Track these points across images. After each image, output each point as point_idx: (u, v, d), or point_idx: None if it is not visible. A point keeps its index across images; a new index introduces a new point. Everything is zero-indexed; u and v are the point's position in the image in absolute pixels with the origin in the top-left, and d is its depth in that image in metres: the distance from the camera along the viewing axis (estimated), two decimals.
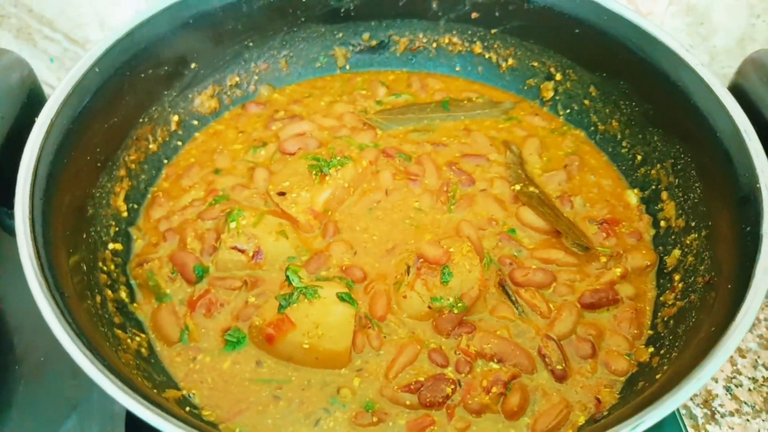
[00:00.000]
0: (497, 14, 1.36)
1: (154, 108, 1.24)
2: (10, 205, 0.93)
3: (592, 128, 1.33)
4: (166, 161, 1.28)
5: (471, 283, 1.03)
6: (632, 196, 1.23)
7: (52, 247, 0.87)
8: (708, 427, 1.15)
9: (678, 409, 1.09)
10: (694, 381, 0.72)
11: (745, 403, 1.19)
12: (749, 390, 1.20)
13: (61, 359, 1.07)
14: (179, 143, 1.30)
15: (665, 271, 1.10)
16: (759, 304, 0.78)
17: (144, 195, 1.22)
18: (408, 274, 1.05)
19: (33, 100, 1.03)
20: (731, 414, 1.17)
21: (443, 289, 1.02)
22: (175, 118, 1.29)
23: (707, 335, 0.81)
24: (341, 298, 1.01)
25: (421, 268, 1.04)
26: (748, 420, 1.17)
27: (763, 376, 1.22)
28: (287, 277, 1.05)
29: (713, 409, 1.16)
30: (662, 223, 1.16)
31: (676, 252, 1.09)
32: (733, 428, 1.16)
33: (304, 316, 0.99)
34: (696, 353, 0.79)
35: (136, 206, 1.19)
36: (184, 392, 0.97)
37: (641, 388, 0.91)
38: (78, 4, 1.61)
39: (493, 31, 1.39)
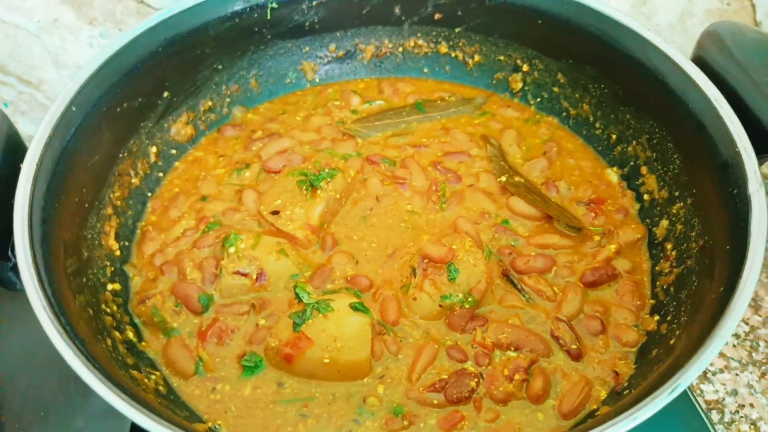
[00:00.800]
0: (459, 13, 1.39)
1: (132, 141, 1.21)
2: (6, 257, 0.90)
3: (564, 114, 1.38)
4: (150, 194, 1.25)
5: (477, 276, 1.05)
6: (612, 175, 1.27)
7: (61, 294, 0.85)
8: (702, 386, 1.21)
9: None
10: (716, 340, 0.75)
11: (732, 358, 1.25)
12: (734, 346, 1.27)
13: (61, 410, 1.06)
14: (160, 174, 1.28)
15: (656, 242, 1.14)
16: (761, 260, 0.82)
17: (133, 231, 1.19)
18: (414, 276, 1.07)
19: (11, 147, 1.00)
20: (721, 371, 1.24)
21: (452, 286, 1.04)
22: (154, 149, 1.27)
23: (717, 296, 0.85)
24: (355, 308, 1.01)
25: (427, 269, 1.06)
26: (737, 374, 1.23)
27: (743, 331, 1.29)
28: (296, 294, 1.05)
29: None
30: (646, 197, 1.20)
31: (664, 222, 1.13)
32: (724, 384, 1.22)
33: (321, 330, 0.99)
34: (709, 314, 0.83)
35: (127, 243, 1.16)
36: (210, 424, 0.95)
37: (656, 355, 0.95)
38: (28, 45, 1.57)
39: (456, 30, 1.42)
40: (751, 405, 1.20)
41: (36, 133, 0.99)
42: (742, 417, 1.19)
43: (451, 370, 1.00)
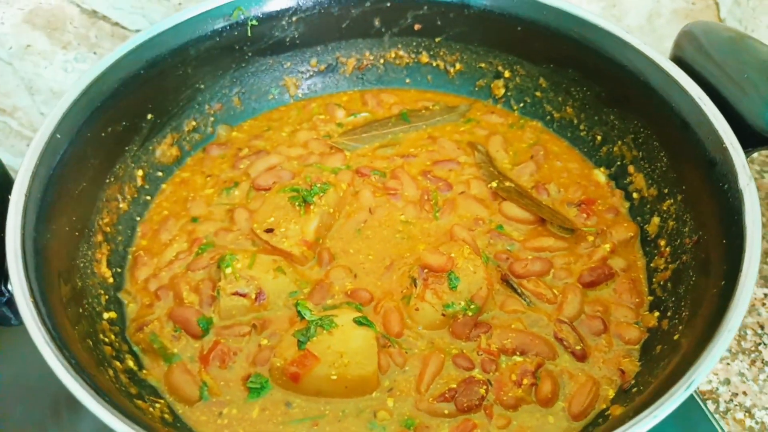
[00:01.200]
0: (439, 23, 1.41)
1: (118, 166, 1.19)
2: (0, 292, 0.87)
3: (548, 117, 1.39)
4: (138, 219, 1.23)
5: (478, 283, 1.05)
6: (600, 175, 1.29)
7: (61, 326, 0.83)
8: None
9: None
10: (725, 333, 0.77)
11: None
12: None
13: None
14: (148, 198, 1.26)
15: (648, 239, 1.16)
16: (759, 252, 0.84)
17: (124, 257, 1.17)
18: (415, 287, 1.07)
19: None
20: None
21: (453, 295, 1.04)
22: (140, 172, 1.24)
23: (718, 290, 0.87)
24: (359, 322, 1.01)
25: (428, 278, 1.06)
26: (728, 364, 1.26)
27: None
28: (299, 312, 1.04)
29: None
30: (635, 195, 1.23)
31: (656, 219, 1.16)
32: (717, 374, 1.24)
33: (326, 347, 0.98)
34: (714, 308, 0.84)
35: (119, 270, 1.14)
36: None
37: (660, 351, 0.96)
38: (0, 73, 1.53)
39: (437, 39, 1.43)
40: (744, 393, 1.23)
41: (22, 163, 0.96)
42: (736, 405, 1.21)
43: (459, 378, 1.00)
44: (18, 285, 0.81)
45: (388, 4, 1.38)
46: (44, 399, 1.14)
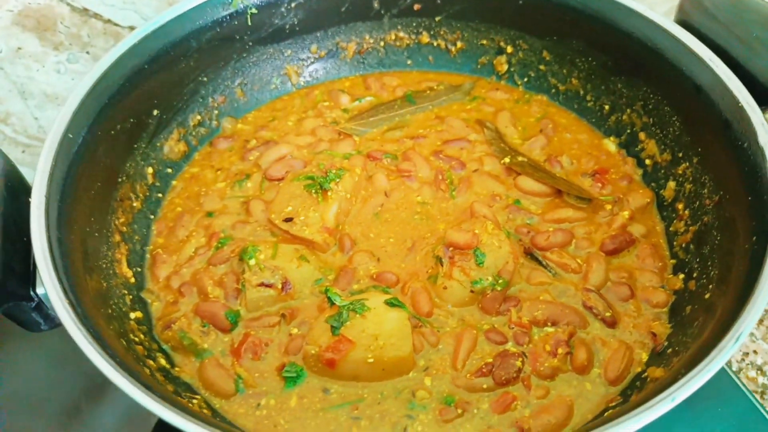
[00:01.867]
0: (439, 1, 1.40)
1: (128, 164, 1.17)
2: (28, 297, 0.86)
3: (553, 90, 1.40)
4: (152, 217, 1.21)
5: (504, 257, 1.05)
6: (610, 144, 1.30)
7: (99, 328, 0.81)
8: None
9: None
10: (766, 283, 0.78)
11: None
12: None
13: None
14: (159, 195, 1.24)
15: (665, 203, 1.17)
16: None
17: (143, 256, 1.15)
18: (441, 265, 1.06)
19: (12, 183, 0.95)
20: None
21: (480, 271, 1.04)
22: (150, 170, 1.22)
23: (749, 246, 0.88)
24: (390, 303, 1.01)
25: (453, 256, 1.06)
26: None
27: None
28: (329, 298, 1.03)
29: None
30: (648, 162, 1.23)
31: (671, 184, 1.17)
32: None
33: (361, 331, 0.97)
34: (747, 265, 0.85)
35: (139, 269, 1.12)
36: None
37: (690, 312, 0.97)
38: None
39: (437, 18, 1.42)
40: (755, 352, 1.25)
41: (38, 165, 0.94)
42: (748, 364, 1.24)
43: (494, 353, 1.00)
44: (52, 287, 0.80)
45: None
46: (53, 408, 1.13)
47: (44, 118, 1.56)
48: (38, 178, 0.92)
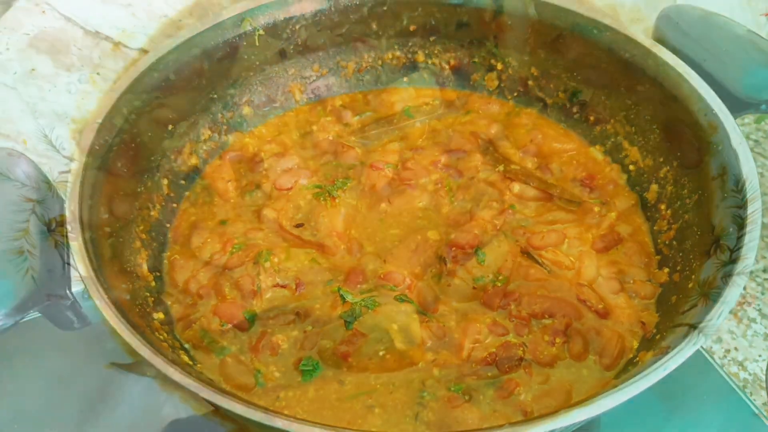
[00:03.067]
0: (433, 22, 1.49)
1: (146, 176, 1.24)
2: (65, 296, 0.92)
3: (542, 104, 1.49)
4: (168, 225, 1.27)
5: (503, 256, 1.14)
6: (597, 153, 1.39)
7: (138, 325, 0.87)
8: None
9: None
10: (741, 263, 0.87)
11: None
12: None
13: None
14: (174, 206, 1.31)
15: (649, 205, 1.27)
16: (759, 196, 0.95)
17: (161, 262, 1.21)
18: (445, 265, 1.14)
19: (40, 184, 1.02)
20: None
21: (482, 269, 1.12)
22: (165, 182, 1.29)
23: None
24: (399, 299, 1.08)
25: (456, 255, 1.14)
26: None
27: None
28: (341, 296, 1.10)
29: None
30: (631, 167, 1.33)
31: (654, 186, 1.26)
32: None
33: (373, 325, 1.04)
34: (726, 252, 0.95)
35: (158, 274, 1.18)
36: None
37: (675, 301, 1.06)
38: (4, 99, 1.55)
39: (431, 38, 1.52)
40: (736, 348, 1.34)
41: (71, 173, 1.01)
42: (730, 360, 1.32)
43: (497, 344, 1.07)
44: (92, 284, 0.86)
45: (384, 8, 1.46)
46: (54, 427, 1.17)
47: (54, 136, 1.62)
48: (72, 184, 0.99)
